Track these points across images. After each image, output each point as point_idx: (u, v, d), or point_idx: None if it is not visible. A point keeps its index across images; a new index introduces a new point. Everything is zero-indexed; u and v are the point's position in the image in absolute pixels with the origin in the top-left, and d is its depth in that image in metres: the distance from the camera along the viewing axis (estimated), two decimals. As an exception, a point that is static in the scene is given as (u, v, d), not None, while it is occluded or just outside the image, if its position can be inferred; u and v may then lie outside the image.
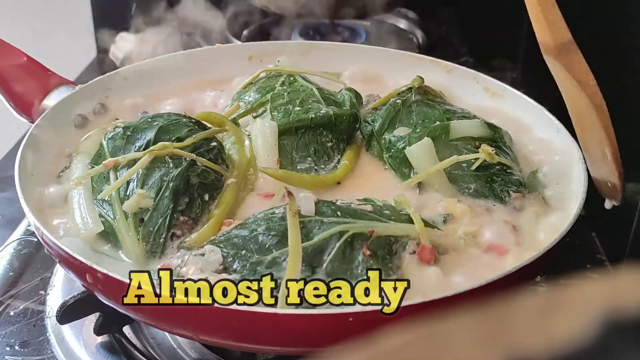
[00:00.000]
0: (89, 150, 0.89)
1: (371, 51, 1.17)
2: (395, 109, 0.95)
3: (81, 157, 0.89)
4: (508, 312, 0.28)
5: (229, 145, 0.90)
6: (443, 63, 1.11)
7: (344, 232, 0.71)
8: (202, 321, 0.67)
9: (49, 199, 0.84)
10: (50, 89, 0.99)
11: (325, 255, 0.70)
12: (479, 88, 1.07)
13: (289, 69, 1.04)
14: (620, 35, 1.07)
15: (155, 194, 0.78)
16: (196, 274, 0.70)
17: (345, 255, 0.70)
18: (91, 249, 0.78)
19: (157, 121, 0.88)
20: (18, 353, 0.86)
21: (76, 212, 0.80)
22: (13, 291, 0.96)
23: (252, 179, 0.86)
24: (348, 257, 0.70)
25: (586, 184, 0.81)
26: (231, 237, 0.74)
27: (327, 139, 0.92)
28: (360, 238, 0.71)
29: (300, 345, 0.68)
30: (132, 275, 0.67)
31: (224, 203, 0.81)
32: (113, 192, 0.79)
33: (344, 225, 0.71)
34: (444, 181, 0.85)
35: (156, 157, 0.81)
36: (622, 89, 1.05)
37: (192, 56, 1.14)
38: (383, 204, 0.78)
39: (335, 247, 0.70)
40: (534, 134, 0.97)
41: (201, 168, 0.82)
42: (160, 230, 0.77)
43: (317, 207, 0.74)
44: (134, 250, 0.76)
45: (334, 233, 0.71)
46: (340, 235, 0.71)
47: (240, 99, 1.01)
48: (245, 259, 0.71)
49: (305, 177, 0.86)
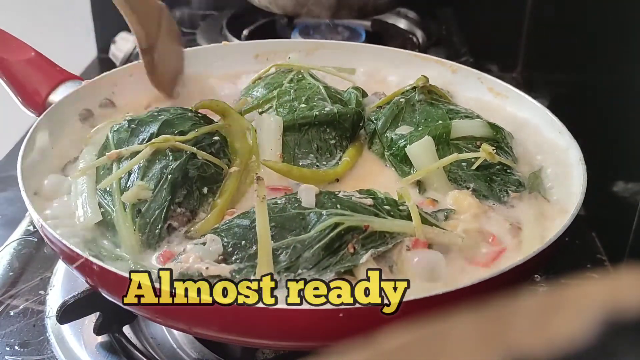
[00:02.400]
0: (97, 143, 0.90)
1: (375, 50, 1.17)
2: (398, 107, 0.95)
3: (89, 148, 0.90)
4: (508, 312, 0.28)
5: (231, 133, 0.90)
6: (448, 63, 1.11)
7: (338, 224, 0.71)
8: (197, 315, 0.67)
9: (51, 192, 0.85)
10: (57, 84, 1.00)
11: (315, 242, 0.71)
12: (483, 88, 1.07)
13: (299, 64, 1.04)
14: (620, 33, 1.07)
15: (154, 186, 0.79)
16: (196, 262, 0.70)
17: (333, 247, 0.71)
18: (90, 240, 0.78)
19: (162, 115, 0.89)
20: (18, 353, 0.86)
21: (78, 201, 0.81)
22: (13, 291, 0.96)
23: (254, 167, 0.87)
24: (335, 249, 0.71)
25: (586, 184, 0.81)
26: (232, 226, 0.74)
27: (331, 137, 0.92)
28: (354, 231, 0.72)
29: (292, 339, 0.68)
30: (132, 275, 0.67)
31: (226, 192, 0.82)
32: (114, 183, 0.80)
33: (340, 217, 0.72)
34: (443, 180, 0.85)
35: (158, 149, 0.82)
36: (622, 89, 1.05)
37: (198, 53, 1.14)
38: (385, 197, 0.78)
39: (327, 236, 0.71)
40: (536, 134, 0.97)
41: (201, 161, 0.83)
42: (156, 222, 0.77)
43: (319, 199, 0.75)
44: (129, 240, 0.76)
45: (329, 225, 0.71)
46: (335, 227, 0.71)
47: (248, 94, 1.02)
48: (244, 249, 0.71)
49: (304, 171, 0.87)
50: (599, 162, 0.89)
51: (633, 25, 1.01)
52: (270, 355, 0.83)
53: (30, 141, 0.88)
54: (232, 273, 0.70)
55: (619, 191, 1.04)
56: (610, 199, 1.05)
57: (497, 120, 0.95)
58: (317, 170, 0.89)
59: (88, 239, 0.78)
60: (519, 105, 1.02)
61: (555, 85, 1.23)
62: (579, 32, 1.24)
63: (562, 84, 1.29)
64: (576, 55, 1.26)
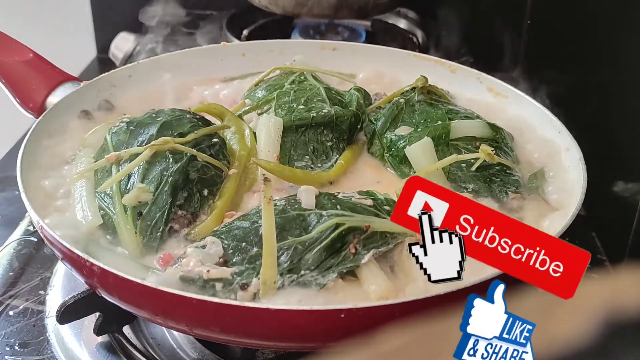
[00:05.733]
0: (94, 145, 0.90)
1: (374, 50, 1.17)
2: (398, 108, 0.95)
3: (86, 151, 0.90)
4: (508, 312, 0.28)
5: (229, 136, 0.90)
6: (447, 63, 1.11)
7: (339, 225, 0.72)
8: (197, 315, 0.67)
9: (51, 193, 0.85)
10: (56, 85, 1.00)
11: (317, 243, 0.71)
12: (482, 88, 1.07)
13: (299, 67, 1.04)
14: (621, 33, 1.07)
15: (154, 188, 0.79)
16: (197, 266, 0.70)
17: (335, 247, 0.71)
18: (90, 242, 0.78)
19: (160, 116, 0.88)
20: (18, 353, 0.86)
21: (77, 204, 0.81)
22: (13, 291, 0.96)
23: (253, 169, 0.87)
24: (337, 249, 0.71)
25: (586, 184, 0.81)
26: (232, 228, 0.75)
27: (327, 139, 0.92)
28: (355, 232, 0.72)
29: (293, 340, 0.68)
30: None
31: (226, 194, 0.82)
32: (114, 186, 0.80)
33: (341, 218, 0.72)
34: (442, 181, 0.85)
35: (157, 151, 0.81)
36: (622, 89, 1.05)
37: (197, 54, 1.14)
38: (384, 197, 0.78)
39: (328, 237, 0.71)
40: (535, 134, 0.97)
41: (201, 163, 0.82)
42: (157, 224, 0.77)
43: (319, 200, 0.75)
44: (131, 243, 0.76)
45: (330, 225, 0.71)
46: (336, 227, 0.71)
47: (250, 95, 1.01)
48: (245, 251, 0.71)
49: (296, 172, 0.86)
50: (599, 162, 0.89)
51: (633, 25, 1.01)
52: (270, 355, 0.83)
53: (29, 143, 0.88)
54: (233, 275, 0.70)
55: (619, 191, 1.04)
56: (610, 199, 1.05)
57: (496, 121, 0.95)
58: (310, 171, 0.88)
59: (88, 241, 0.77)
60: (519, 105, 1.02)
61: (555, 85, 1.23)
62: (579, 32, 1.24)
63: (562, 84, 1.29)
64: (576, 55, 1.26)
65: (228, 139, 0.90)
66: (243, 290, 0.69)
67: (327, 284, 0.70)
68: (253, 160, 0.86)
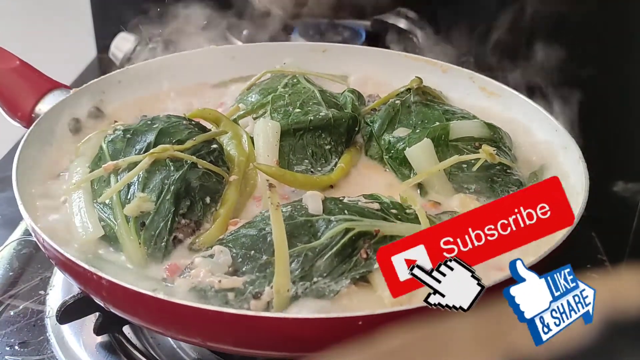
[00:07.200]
0: (87, 154, 0.88)
1: (364, 52, 1.16)
2: (394, 109, 0.95)
3: (80, 160, 0.88)
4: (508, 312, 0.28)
5: (226, 141, 0.90)
6: (438, 63, 1.10)
7: (349, 230, 0.71)
8: (213, 327, 0.65)
9: (47, 203, 0.84)
10: (44, 93, 0.97)
11: (328, 249, 0.70)
12: (475, 88, 1.06)
13: (292, 69, 1.03)
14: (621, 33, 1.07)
15: (156, 198, 0.77)
16: (207, 276, 0.69)
17: (346, 253, 0.70)
18: (91, 253, 0.77)
19: (157, 123, 0.87)
20: (18, 353, 0.86)
21: (76, 216, 0.80)
22: (13, 291, 0.96)
23: (252, 174, 0.86)
24: (348, 255, 0.70)
25: (586, 184, 0.81)
26: (239, 236, 0.73)
27: (326, 142, 0.91)
28: (365, 236, 0.71)
29: (309, 350, 0.66)
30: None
31: (228, 201, 0.81)
32: (114, 196, 0.78)
33: (350, 223, 0.71)
34: (444, 182, 0.85)
35: (157, 160, 0.80)
36: (622, 89, 1.05)
37: (188, 58, 1.13)
38: (390, 201, 0.78)
39: (339, 243, 0.70)
40: (532, 133, 0.97)
41: (202, 171, 0.81)
42: (161, 234, 0.76)
43: (325, 205, 0.74)
44: (135, 254, 0.75)
45: (340, 231, 0.71)
46: (346, 232, 0.71)
47: (242, 100, 1.00)
48: (255, 259, 0.70)
49: (297, 177, 0.86)
50: (599, 162, 0.89)
51: (633, 25, 1.01)
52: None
53: (22, 155, 0.86)
54: (245, 284, 0.68)
55: (619, 191, 1.04)
56: (610, 199, 1.05)
57: (491, 120, 0.95)
58: (311, 176, 0.87)
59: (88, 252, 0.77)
60: (513, 104, 1.01)
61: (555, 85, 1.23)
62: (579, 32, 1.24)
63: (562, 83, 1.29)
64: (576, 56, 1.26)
65: (225, 144, 0.89)
66: (256, 300, 0.67)
67: (341, 290, 0.69)
68: (254, 164, 0.85)
